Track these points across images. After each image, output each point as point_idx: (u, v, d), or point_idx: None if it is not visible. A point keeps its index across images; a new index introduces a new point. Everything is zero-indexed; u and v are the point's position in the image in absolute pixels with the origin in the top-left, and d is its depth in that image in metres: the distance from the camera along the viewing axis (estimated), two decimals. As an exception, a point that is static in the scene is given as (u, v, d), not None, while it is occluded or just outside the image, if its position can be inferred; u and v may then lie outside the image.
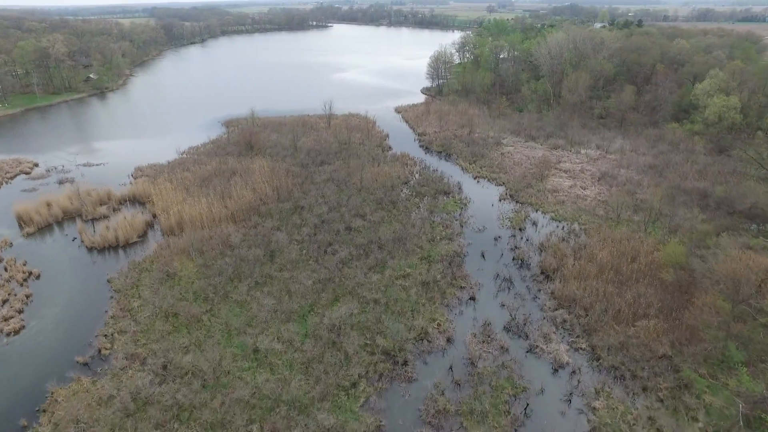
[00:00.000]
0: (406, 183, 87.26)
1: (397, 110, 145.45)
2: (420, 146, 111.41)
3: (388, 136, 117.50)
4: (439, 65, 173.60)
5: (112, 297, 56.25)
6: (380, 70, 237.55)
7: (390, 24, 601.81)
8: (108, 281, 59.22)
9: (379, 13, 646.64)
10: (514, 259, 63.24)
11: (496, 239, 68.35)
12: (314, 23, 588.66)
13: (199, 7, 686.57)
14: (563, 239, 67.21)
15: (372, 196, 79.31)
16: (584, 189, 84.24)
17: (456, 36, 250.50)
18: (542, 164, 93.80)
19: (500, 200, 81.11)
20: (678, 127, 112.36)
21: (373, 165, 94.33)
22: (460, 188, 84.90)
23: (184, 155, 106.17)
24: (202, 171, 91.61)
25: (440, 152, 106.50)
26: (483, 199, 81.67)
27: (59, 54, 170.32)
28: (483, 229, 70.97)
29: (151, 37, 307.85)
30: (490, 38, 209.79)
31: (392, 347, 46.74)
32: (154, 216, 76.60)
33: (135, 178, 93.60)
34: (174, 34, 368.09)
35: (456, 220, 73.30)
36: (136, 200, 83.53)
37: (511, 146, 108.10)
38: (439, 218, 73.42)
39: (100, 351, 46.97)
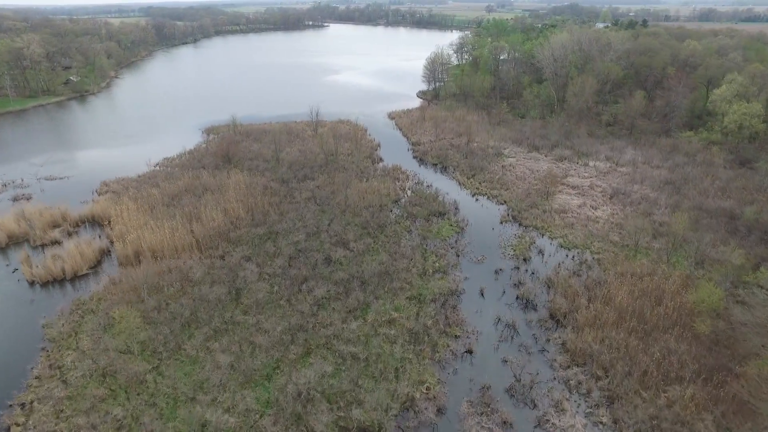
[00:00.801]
0: (396, 201, 78.56)
1: (391, 116, 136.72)
2: (414, 157, 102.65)
3: (379, 145, 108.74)
4: (435, 67, 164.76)
5: (43, 348, 47.53)
6: (375, 72, 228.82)
7: (387, 24, 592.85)
8: (43, 327, 50.49)
9: (377, 13, 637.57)
10: (518, 298, 54.56)
11: (497, 272, 59.64)
12: (310, 23, 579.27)
13: (196, 6, 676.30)
14: (574, 272, 58.56)
15: (357, 219, 70.55)
16: (595, 209, 75.58)
17: (454, 36, 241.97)
18: (547, 179, 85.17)
19: (501, 223, 72.39)
20: (693, 136, 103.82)
21: (360, 180, 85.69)
22: (456, 208, 76.18)
23: (157, 167, 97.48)
24: (171, 187, 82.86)
25: (436, 164, 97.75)
26: (482, 221, 72.98)
27: (35, 55, 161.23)
28: (482, 260, 62.26)
29: (139, 38, 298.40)
30: (489, 39, 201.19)
31: (371, 423, 38.07)
32: (113, 242, 67.80)
33: (99, 195, 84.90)
34: (165, 34, 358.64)
35: (452, 248, 64.60)
36: (95, 222, 74.71)
37: (513, 157, 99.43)
38: (432, 246, 64.71)
39: (9, 429, 38.21)
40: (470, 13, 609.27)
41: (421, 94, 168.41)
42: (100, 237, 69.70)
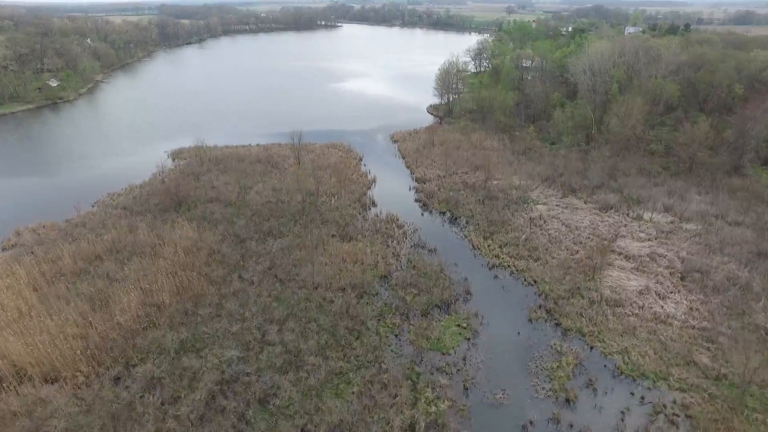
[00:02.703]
0: (386, 278, 57.44)
1: (394, 138, 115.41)
2: (416, 200, 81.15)
3: (374, 182, 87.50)
4: (449, 79, 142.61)
5: None
6: (383, 79, 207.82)
7: (403, 24, 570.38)
8: None
9: (393, 13, 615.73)
10: (563, 495, 33.24)
11: (524, 428, 38.25)
12: (323, 23, 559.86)
13: (210, 4, 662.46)
14: (651, 437, 36.96)
15: (324, 316, 49.61)
16: (663, 298, 53.53)
17: (473, 39, 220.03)
18: (592, 243, 63.39)
19: (531, 321, 50.82)
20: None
21: (342, 239, 64.93)
22: (467, 292, 54.79)
23: (95, 207, 78.14)
24: (93, 244, 63.14)
25: (443, 213, 76.41)
26: (503, 317, 51.48)
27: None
28: (502, 400, 40.82)
29: (136, 37, 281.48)
30: (511, 44, 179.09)
31: None
32: (-19, 338, 48.10)
33: (3, 250, 65.70)
34: (168, 33, 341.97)
35: (457, 371, 43.43)
36: (-25, 299, 55.09)
37: (543, 204, 77.57)
38: (428, 367, 43.55)
39: None
40: (489, 14, 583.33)
41: (432, 109, 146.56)
42: (-33, 329, 50.03)
